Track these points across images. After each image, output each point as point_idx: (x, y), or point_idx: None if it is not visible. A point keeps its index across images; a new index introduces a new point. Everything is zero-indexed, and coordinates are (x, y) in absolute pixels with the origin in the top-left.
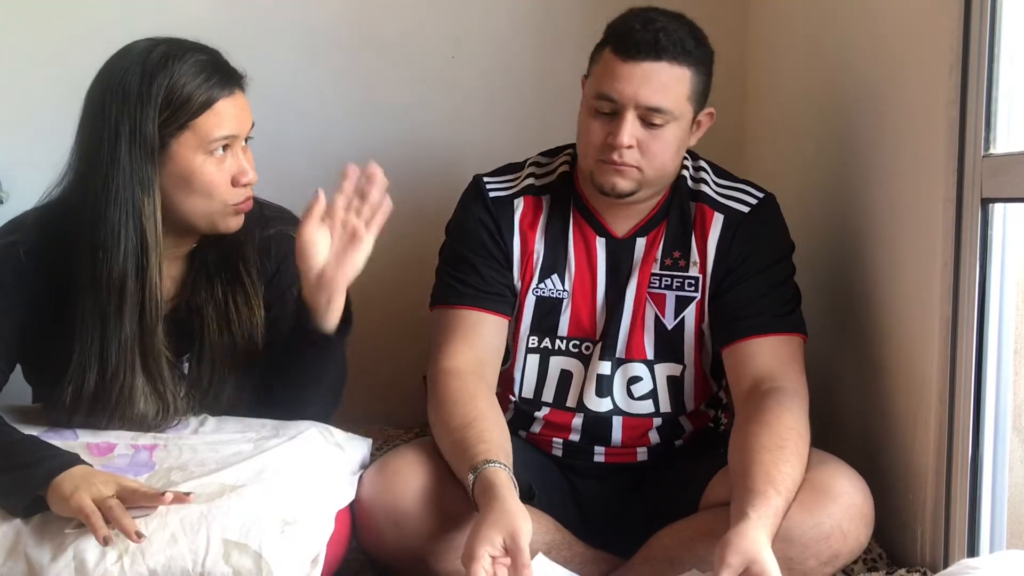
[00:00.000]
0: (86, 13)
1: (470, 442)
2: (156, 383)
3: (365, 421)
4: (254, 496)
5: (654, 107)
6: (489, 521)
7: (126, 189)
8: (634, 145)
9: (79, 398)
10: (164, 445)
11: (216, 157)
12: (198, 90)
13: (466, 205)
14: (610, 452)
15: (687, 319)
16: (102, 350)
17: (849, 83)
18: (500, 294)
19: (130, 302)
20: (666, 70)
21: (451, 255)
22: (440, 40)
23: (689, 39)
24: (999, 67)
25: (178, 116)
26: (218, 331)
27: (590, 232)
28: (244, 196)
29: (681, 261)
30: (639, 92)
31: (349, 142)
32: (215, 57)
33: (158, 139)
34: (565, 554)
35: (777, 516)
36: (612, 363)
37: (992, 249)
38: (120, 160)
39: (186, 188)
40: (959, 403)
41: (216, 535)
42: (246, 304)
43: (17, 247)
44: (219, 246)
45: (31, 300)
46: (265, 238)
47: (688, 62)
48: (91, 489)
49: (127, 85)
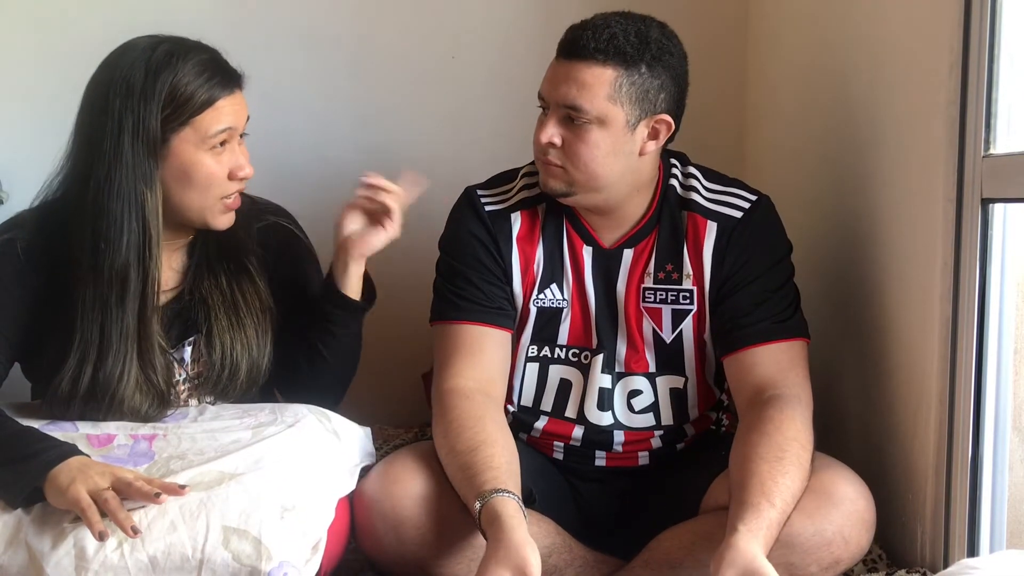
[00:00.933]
0: (87, 13)
1: (477, 468)
2: (150, 373)
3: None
4: (253, 483)
5: (569, 104)
6: (498, 556)
7: (129, 182)
8: (555, 144)
9: (76, 388)
10: (164, 435)
11: (215, 151)
12: (200, 89)
13: (459, 219)
14: (611, 456)
15: (685, 332)
16: (102, 340)
17: (849, 83)
18: (501, 308)
19: (131, 293)
20: (585, 69)
21: (448, 270)
22: (440, 40)
23: (629, 42)
24: (999, 67)
25: (180, 113)
26: (226, 317)
27: (579, 241)
28: (236, 190)
29: (674, 274)
30: (558, 90)
31: (349, 142)
32: (216, 57)
33: (160, 134)
34: (566, 557)
35: (771, 528)
36: (613, 376)
37: (992, 249)
38: (124, 154)
39: (185, 182)
40: (959, 403)
41: (215, 522)
42: (252, 289)
43: (15, 244)
44: (216, 238)
45: (29, 296)
46: (261, 229)
47: (615, 62)
48: (88, 482)
49: (131, 80)
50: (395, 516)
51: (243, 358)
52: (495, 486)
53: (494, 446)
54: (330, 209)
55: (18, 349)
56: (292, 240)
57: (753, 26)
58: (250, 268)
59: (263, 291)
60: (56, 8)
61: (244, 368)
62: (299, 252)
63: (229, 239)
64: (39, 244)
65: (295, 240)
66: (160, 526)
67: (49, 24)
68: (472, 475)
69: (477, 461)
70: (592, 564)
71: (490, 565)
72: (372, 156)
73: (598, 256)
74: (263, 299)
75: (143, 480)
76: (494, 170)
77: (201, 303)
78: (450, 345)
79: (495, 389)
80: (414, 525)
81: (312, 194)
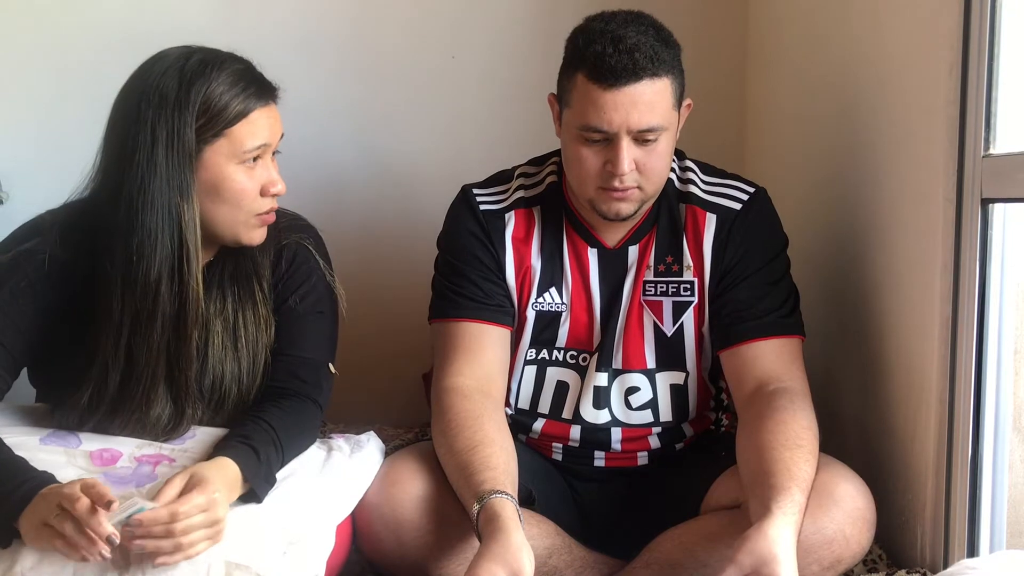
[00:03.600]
0: (87, 13)
1: (475, 468)
2: (179, 391)
3: (365, 421)
4: (257, 515)
5: (647, 127)
6: (492, 555)
7: (163, 195)
8: (633, 168)
9: (99, 400)
10: (169, 458)
11: (247, 166)
12: (235, 100)
13: (456, 217)
14: (610, 457)
15: (686, 324)
16: (129, 353)
17: (849, 83)
18: (500, 305)
19: (162, 307)
20: (649, 88)
21: (446, 268)
22: (440, 40)
23: (659, 45)
24: (999, 67)
25: (214, 123)
26: (222, 347)
27: (581, 243)
28: (270, 207)
29: (674, 266)
30: (630, 118)
31: (349, 142)
32: (251, 68)
33: (195, 145)
34: (566, 558)
35: (801, 512)
36: (609, 374)
37: (992, 249)
38: (158, 165)
39: (216, 196)
40: (959, 403)
41: (218, 556)
42: (255, 322)
43: (36, 254)
44: (235, 260)
45: (44, 307)
46: (278, 249)
47: (665, 71)
48: (48, 518)
49: (164, 90)
50: (395, 518)
51: (232, 389)
52: (493, 487)
53: (492, 446)
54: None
55: (24, 360)
56: (307, 275)
57: (753, 26)
58: (259, 294)
59: (266, 320)
60: (57, 10)
61: (232, 396)
62: (309, 295)
63: (243, 262)
64: (63, 257)
65: (310, 276)
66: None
67: (49, 25)
68: (470, 475)
69: (475, 461)
70: (592, 565)
71: (483, 562)
72: (372, 156)
73: (604, 257)
74: (264, 329)
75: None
76: (493, 169)
77: (204, 327)
78: (449, 343)
79: (494, 387)
80: (414, 527)
81: (312, 194)
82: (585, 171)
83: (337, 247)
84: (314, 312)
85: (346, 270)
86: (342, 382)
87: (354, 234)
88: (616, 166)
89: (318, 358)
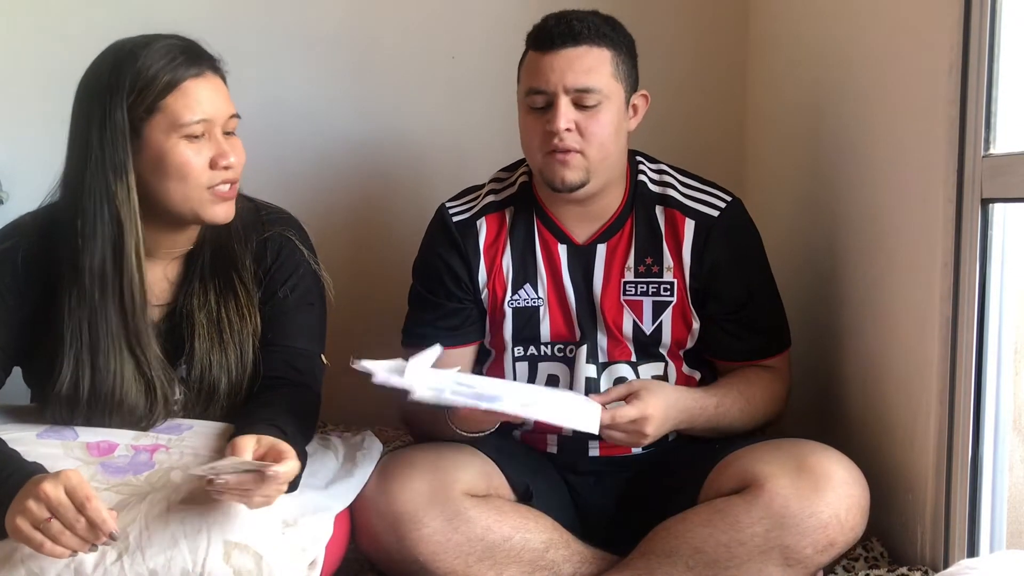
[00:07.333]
0: (85, 13)
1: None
2: (144, 368)
3: (364, 422)
4: None
5: (583, 88)
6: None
7: (98, 176)
8: (572, 128)
9: (76, 391)
10: (166, 447)
11: (190, 141)
12: (163, 70)
13: (430, 240)
14: (604, 446)
15: (664, 323)
16: (92, 341)
17: (849, 83)
18: (471, 326)
19: (111, 289)
20: (586, 52)
21: (416, 300)
22: (440, 40)
23: (604, 24)
24: (999, 67)
25: (144, 97)
26: (208, 339)
27: (552, 239)
28: (223, 179)
29: (654, 267)
30: (566, 76)
31: (349, 142)
32: (188, 43)
33: (128, 123)
34: (563, 552)
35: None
36: (597, 367)
37: (992, 249)
38: (91, 147)
39: (161, 171)
40: (959, 403)
41: (217, 536)
42: (238, 313)
43: (14, 252)
44: (214, 250)
45: (27, 304)
46: (261, 242)
47: (606, 43)
48: (27, 515)
49: (99, 76)
50: (393, 515)
51: (221, 381)
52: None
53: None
54: (329, 210)
55: (15, 357)
56: (295, 267)
57: (753, 26)
58: (239, 286)
59: (251, 311)
60: (56, 9)
61: (223, 390)
62: (298, 286)
63: (222, 252)
64: (38, 250)
65: (297, 267)
66: (161, 539)
67: (49, 25)
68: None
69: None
70: (590, 560)
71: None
72: (371, 156)
73: (573, 253)
74: (250, 320)
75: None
76: (493, 169)
77: (188, 320)
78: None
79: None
80: (411, 522)
81: (312, 195)
82: (531, 138)
83: (337, 247)
84: (304, 304)
85: (346, 270)
86: (343, 383)
87: (354, 234)
88: (553, 123)
89: (312, 349)
